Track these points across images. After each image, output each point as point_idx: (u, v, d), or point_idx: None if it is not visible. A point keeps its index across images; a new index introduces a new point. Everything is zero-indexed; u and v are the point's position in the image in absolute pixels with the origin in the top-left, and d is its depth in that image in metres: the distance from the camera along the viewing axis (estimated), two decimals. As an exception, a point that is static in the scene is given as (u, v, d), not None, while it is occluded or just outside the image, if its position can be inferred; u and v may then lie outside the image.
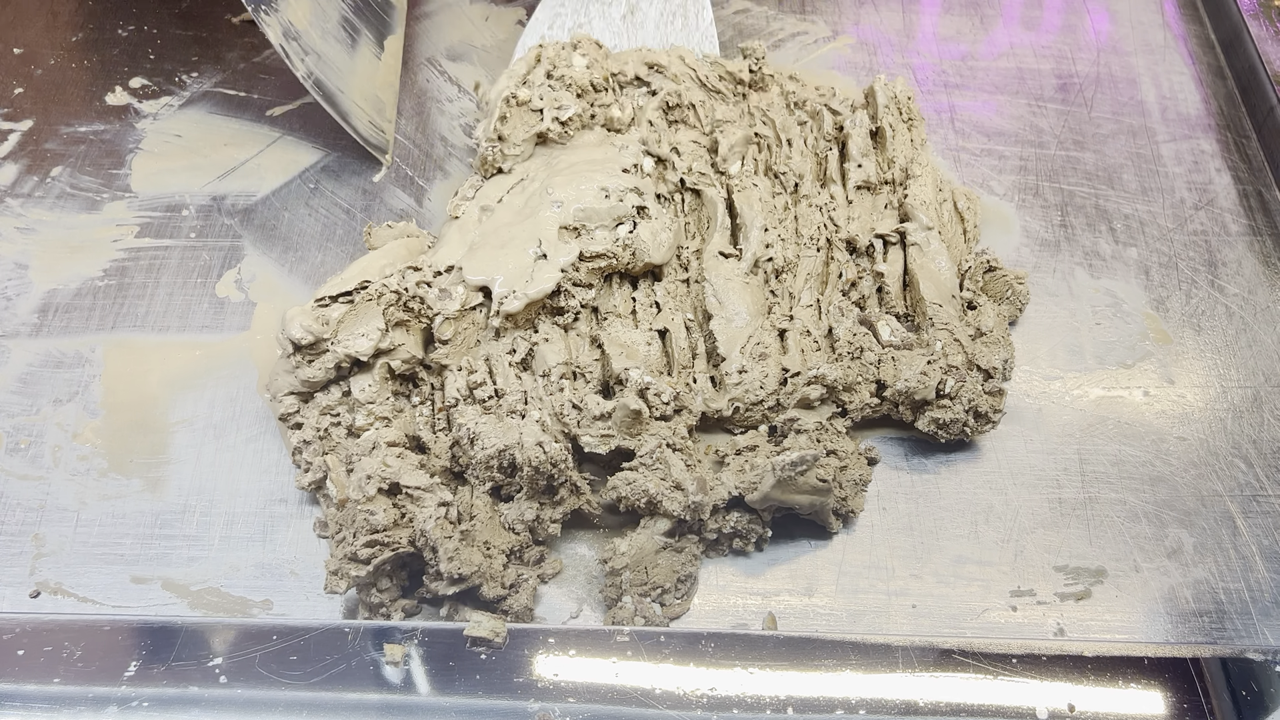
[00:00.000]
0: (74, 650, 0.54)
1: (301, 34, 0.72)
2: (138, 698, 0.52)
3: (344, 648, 0.54)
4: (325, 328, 0.59)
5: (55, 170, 0.76)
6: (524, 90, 0.70)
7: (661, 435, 0.59)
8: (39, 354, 0.67)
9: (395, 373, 0.61)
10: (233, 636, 0.54)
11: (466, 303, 0.62)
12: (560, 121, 0.69)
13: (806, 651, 0.54)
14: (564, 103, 0.70)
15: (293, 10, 0.72)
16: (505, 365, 0.61)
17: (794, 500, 0.57)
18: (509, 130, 0.70)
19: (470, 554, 0.55)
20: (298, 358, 0.59)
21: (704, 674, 0.53)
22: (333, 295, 0.61)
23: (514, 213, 0.65)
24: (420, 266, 0.63)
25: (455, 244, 0.65)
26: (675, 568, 0.58)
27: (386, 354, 0.60)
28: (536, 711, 0.52)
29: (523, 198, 0.66)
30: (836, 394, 0.62)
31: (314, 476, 0.59)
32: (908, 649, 0.54)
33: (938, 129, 0.80)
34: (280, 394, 0.60)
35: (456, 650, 0.54)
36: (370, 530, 0.55)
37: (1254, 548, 0.60)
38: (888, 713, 0.52)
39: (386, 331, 0.60)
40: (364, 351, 0.59)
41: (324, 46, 0.73)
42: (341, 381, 0.61)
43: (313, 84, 0.71)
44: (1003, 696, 0.53)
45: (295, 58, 0.71)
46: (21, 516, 0.61)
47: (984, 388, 0.62)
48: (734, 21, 0.87)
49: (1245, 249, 0.74)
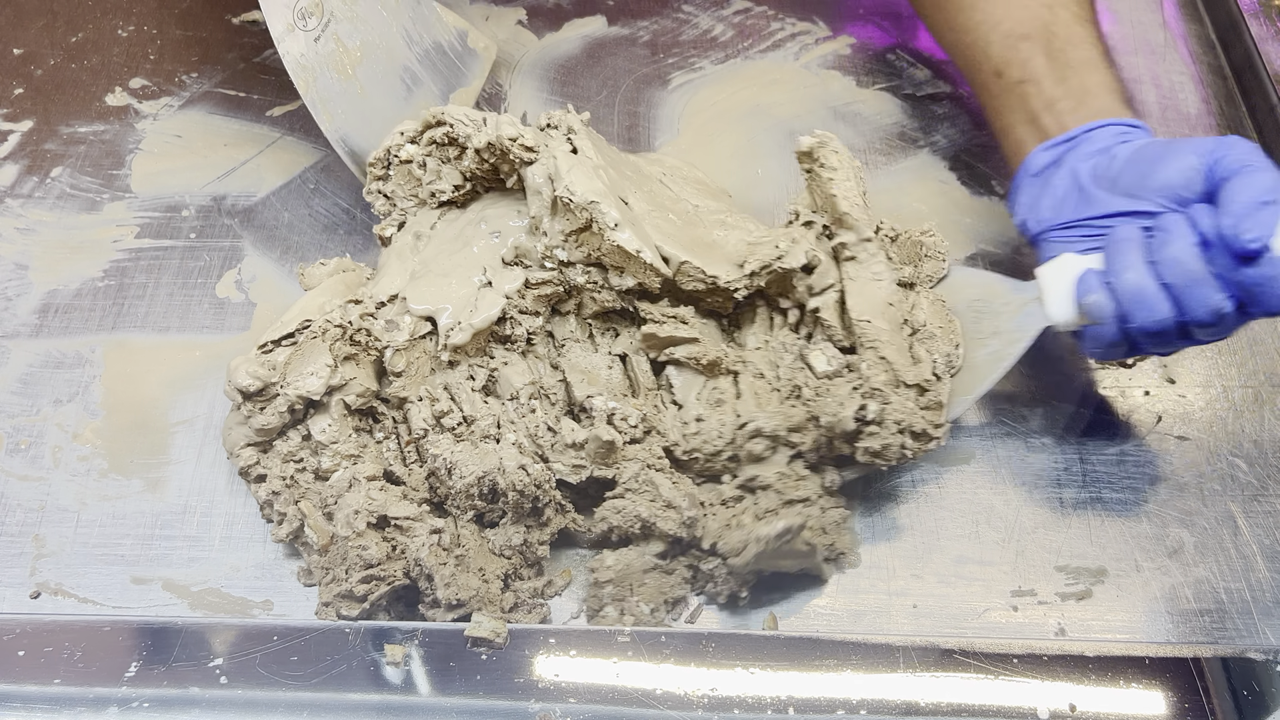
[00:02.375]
0: (74, 651, 0.54)
1: (340, 89, 0.68)
2: (138, 698, 0.52)
3: (344, 648, 0.54)
4: (272, 372, 0.57)
5: (55, 171, 0.76)
6: (408, 149, 0.65)
7: (641, 458, 0.58)
8: (39, 354, 0.67)
9: (352, 409, 0.59)
10: (233, 637, 0.54)
11: (415, 332, 0.60)
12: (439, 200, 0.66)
13: (807, 651, 0.54)
14: (444, 185, 0.65)
15: (337, 59, 0.68)
16: (468, 392, 0.59)
17: (780, 565, 0.57)
18: (391, 189, 0.66)
19: (467, 579, 0.55)
20: (249, 406, 0.57)
21: (705, 674, 0.53)
22: (275, 339, 0.58)
23: (450, 240, 0.63)
24: (362, 299, 0.61)
25: (395, 273, 0.63)
26: (663, 590, 0.57)
27: (339, 390, 0.58)
28: (537, 712, 0.52)
29: (456, 227, 0.64)
30: (782, 440, 0.59)
31: (290, 527, 0.57)
32: (909, 649, 0.54)
33: (938, 128, 0.80)
34: (237, 447, 0.58)
35: (457, 650, 0.54)
36: (365, 566, 0.54)
37: (1255, 547, 0.60)
38: (889, 713, 0.52)
39: (336, 368, 0.58)
40: (315, 390, 0.57)
41: (363, 101, 0.69)
42: (299, 426, 0.59)
43: (337, 140, 0.68)
44: (1004, 696, 0.53)
45: (323, 109, 0.67)
46: (22, 517, 0.61)
47: (918, 403, 0.58)
48: (735, 22, 0.87)
49: (1246, 249, 0.74)
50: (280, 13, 0.66)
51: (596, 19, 0.87)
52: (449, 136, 0.63)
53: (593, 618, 0.57)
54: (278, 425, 0.58)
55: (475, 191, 0.65)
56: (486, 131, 0.62)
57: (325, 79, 0.67)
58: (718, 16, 0.87)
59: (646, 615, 0.56)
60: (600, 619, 0.56)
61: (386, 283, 0.62)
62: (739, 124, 0.80)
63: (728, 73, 0.84)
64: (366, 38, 0.69)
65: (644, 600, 0.56)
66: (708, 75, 0.83)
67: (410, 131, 0.65)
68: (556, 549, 0.60)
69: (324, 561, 0.56)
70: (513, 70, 0.83)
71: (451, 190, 0.65)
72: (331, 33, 0.67)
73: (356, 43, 0.69)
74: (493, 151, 0.62)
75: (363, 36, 0.69)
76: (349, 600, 0.55)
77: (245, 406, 0.57)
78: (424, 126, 0.64)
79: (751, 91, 0.82)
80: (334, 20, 0.68)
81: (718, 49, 0.85)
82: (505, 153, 0.61)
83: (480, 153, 0.62)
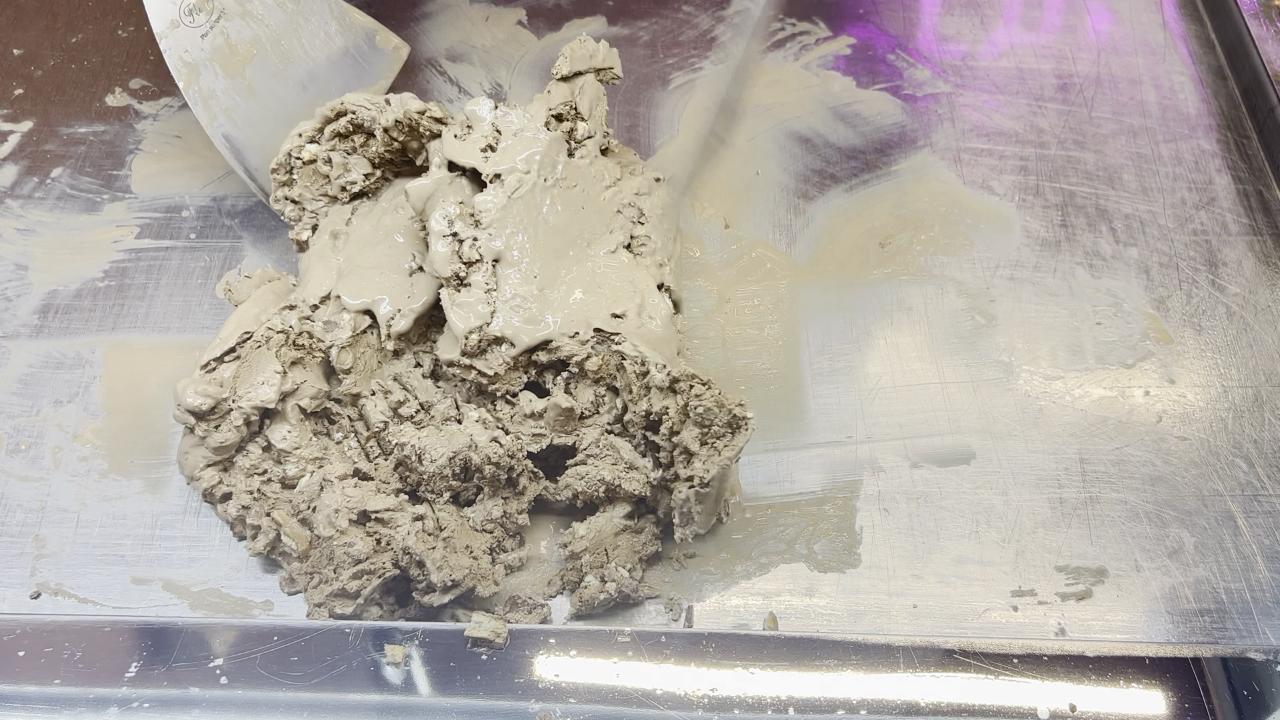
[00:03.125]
0: (75, 651, 0.54)
1: (224, 86, 0.67)
2: (138, 699, 0.52)
3: (344, 648, 0.54)
4: (221, 389, 0.56)
5: (55, 171, 0.76)
6: (309, 149, 0.65)
7: (599, 424, 0.58)
8: (39, 355, 0.67)
9: (308, 412, 0.59)
10: (233, 637, 0.54)
11: (356, 327, 0.60)
12: (350, 192, 0.66)
13: (808, 651, 0.54)
14: (354, 176, 0.65)
15: (225, 56, 0.67)
16: (419, 379, 0.60)
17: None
18: (299, 192, 0.66)
19: (457, 559, 0.55)
20: (203, 427, 0.57)
21: (705, 674, 0.53)
22: (218, 356, 0.58)
23: (369, 233, 0.63)
24: (295, 304, 0.60)
25: (321, 275, 0.62)
26: (636, 548, 0.58)
27: (292, 395, 0.58)
28: (538, 712, 0.52)
29: (372, 218, 0.64)
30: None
31: (266, 539, 0.57)
32: (909, 649, 0.54)
33: (938, 129, 0.80)
34: (197, 470, 0.58)
35: (457, 651, 0.54)
36: (354, 562, 0.54)
37: (1255, 547, 0.60)
38: (889, 713, 0.52)
39: (285, 373, 0.58)
40: (270, 399, 0.57)
41: (253, 100, 0.68)
42: (257, 438, 0.58)
43: (220, 139, 0.67)
44: (1004, 696, 0.53)
45: (204, 107, 0.66)
46: (22, 518, 0.61)
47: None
48: (734, 22, 0.87)
49: (1246, 249, 0.74)
50: (164, 8, 0.65)
51: (596, 19, 0.87)
52: (353, 124, 0.64)
53: (574, 590, 0.57)
54: (235, 440, 0.57)
55: (385, 178, 0.66)
56: (393, 109, 0.63)
57: (210, 76, 0.67)
58: (718, 16, 0.87)
59: (625, 577, 0.57)
60: (584, 590, 0.57)
61: (314, 285, 0.62)
62: (739, 124, 0.80)
63: (728, 73, 0.84)
64: (259, 35, 0.68)
65: (620, 563, 0.57)
66: (708, 75, 0.83)
67: (309, 131, 0.65)
68: (534, 516, 0.60)
69: (307, 566, 0.56)
70: (513, 70, 0.83)
71: (362, 180, 0.65)
72: (220, 29, 0.67)
73: (247, 40, 0.68)
74: (401, 128, 0.63)
75: (255, 34, 0.68)
76: (342, 598, 0.55)
77: (199, 428, 0.56)
78: (323, 122, 0.65)
79: (751, 91, 0.82)
80: (224, 17, 0.67)
81: (718, 49, 0.85)
82: (415, 127, 0.62)
83: (389, 131, 0.63)
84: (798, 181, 0.77)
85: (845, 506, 0.62)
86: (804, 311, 0.70)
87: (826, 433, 0.65)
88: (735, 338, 0.69)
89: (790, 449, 0.64)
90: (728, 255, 0.73)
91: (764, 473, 0.63)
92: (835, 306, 0.70)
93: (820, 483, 0.63)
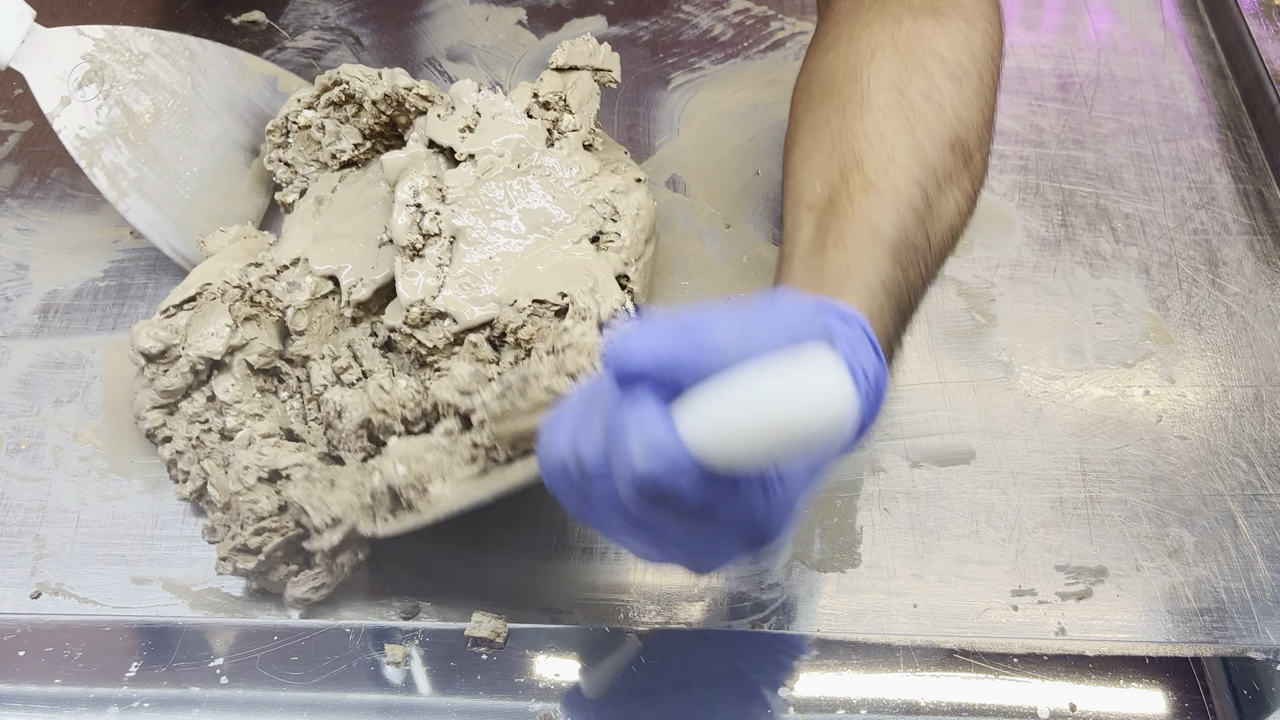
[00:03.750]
0: (75, 651, 0.54)
1: (129, 158, 0.65)
2: (139, 698, 0.52)
3: (345, 648, 0.54)
4: (174, 335, 0.58)
5: (55, 171, 0.76)
6: (306, 114, 0.67)
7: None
8: (39, 355, 0.67)
9: (255, 369, 0.60)
10: (234, 637, 0.54)
11: (317, 291, 0.61)
12: (340, 160, 0.67)
13: (807, 651, 0.54)
14: (344, 145, 0.66)
15: (123, 127, 0.64)
16: (369, 348, 0.61)
17: None
18: (292, 156, 0.68)
19: (337, 495, 0.53)
20: (152, 369, 0.58)
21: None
22: (176, 304, 0.60)
23: (350, 201, 0.65)
24: (262, 262, 0.62)
25: (298, 237, 0.64)
26: (454, 465, 0.53)
27: (241, 350, 0.59)
28: (538, 712, 0.52)
29: (356, 188, 0.66)
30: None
31: (193, 485, 0.58)
32: (909, 649, 0.54)
33: (938, 129, 0.80)
34: (144, 410, 0.59)
35: (457, 651, 0.54)
36: (256, 519, 0.55)
37: (1255, 547, 0.60)
38: (889, 712, 0.52)
39: (236, 328, 0.59)
40: (215, 351, 0.58)
41: (159, 166, 0.66)
42: (204, 387, 0.60)
43: (133, 211, 0.65)
44: (1004, 696, 0.53)
45: (111, 184, 0.65)
46: (22, 518, 0.61)
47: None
48: (735, 22, 0.87)
49: (1246, 248, 0.74)
50: (51, 86, 0.63)
51: (596, 19, 0.87)
52: (345, 94, 0.65)
53: (396, 513, 0.52)
54: (180, 386, 0.59)
55: (375, 150, 0.67)
56: (382, 83, 0.64)
57: (112, 150, 0.65)
58: (718, 16, 0.87)
59: (450, 495, 0.52)
60: (409, 513, 0.52)
61: (289, 247, 0.63)
62: (739, 124, 0.80)
63: (727, 73, 0.84)
64: (158, 99, 0.67)
65: (440, 478, 0.52)
66: (708, 75, 0.83)
67: (307, 97, 0.67)
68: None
69: (225, 519, 0.57)
70: (513, 70, 0.83)
71: (351, 149, 0.66)
72: (116, 99, 0.65)
73: (146, 106, 0.66)
74: (389, 102, 0.64)
75: (153, 98, 0.67)
76: (243, 554, 0.55)
77: (149, 369, 0.59)
78: (320, 90, 0.66)
79: (751, 91, 0.82)
80: (116, 85, 0.65)
81: (718, 49, 0.85)
82: (401, 102, 0.63)
83: (377, 104, 0.64)
84: (798, 181, 0.77)
85: (845, 506, 0.62)
86: (804, 311, 0.70)
87: (826, 432, 0.64)
88: (735, 337, 0.69)
89: (790, 449, 0.64)
90: (728, 255, 0.73)
91: (764, 472, 0.63)
92: (835, 306, 0.70)
93: (820, 482, 0.62)
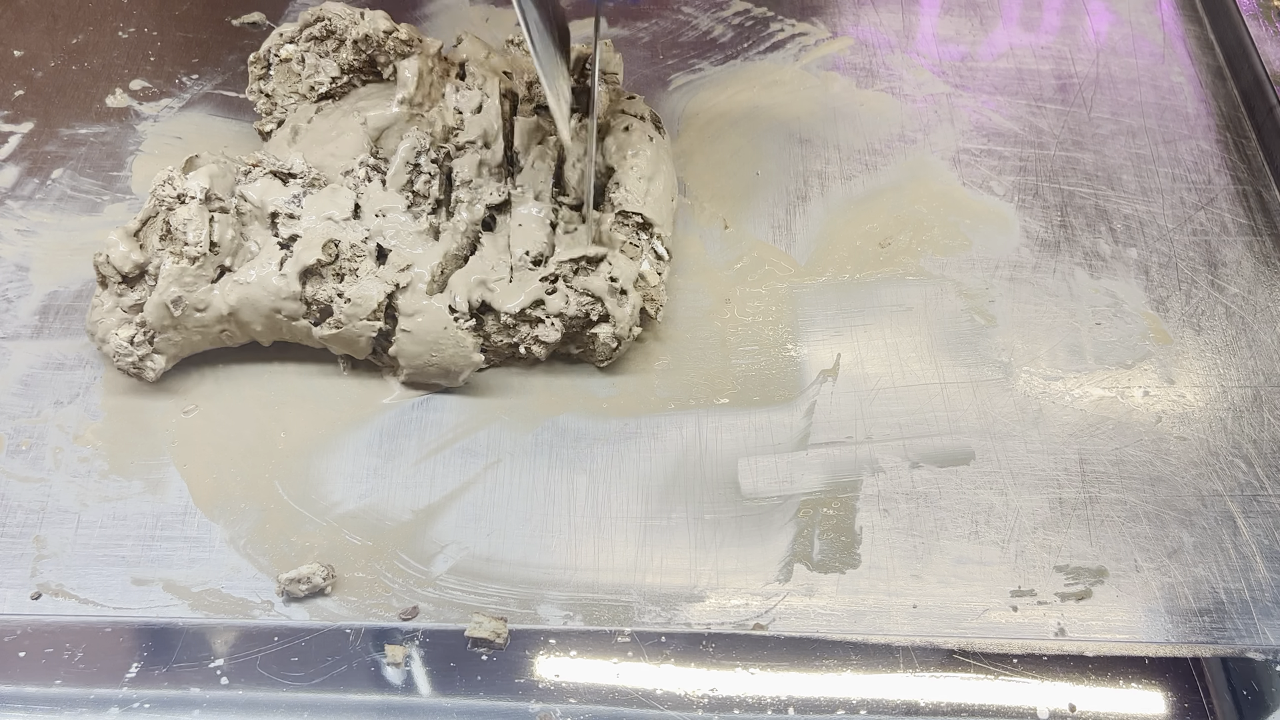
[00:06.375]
0: (75, 652, 0.54)
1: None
2: (139, 699, 0.52)
3: (345, 649, 0.54)
4: (148, 254, 0.62)
5: (56, 172, 0.76)
6: (287, 48, 0.71)
7: None
8: (40, 356, 0.67)
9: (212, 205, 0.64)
10: (234, 638, 0.54)
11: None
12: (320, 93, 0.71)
13: (808, 651, 0.54)
14: (322, 78, 0.70)
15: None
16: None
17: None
18: (272, 88, 0.71)
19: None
20: (122, 288, 0.62)
21: (705, 674, 0.53)
22: (143, 220, 0.63)
23: (325, 131, 0.68)
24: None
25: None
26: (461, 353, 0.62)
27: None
28: (537, 712, 0.52)
29: (331, 119, 0.68)
30: None
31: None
32: (908, 649, 0.55)
33: (938, 129, 0.80)
34: (110, 332, 0.62)
35: (457, 651, 0.54)
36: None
37: (1254, 547, 0.60)
38: (889, 713, 0.52)
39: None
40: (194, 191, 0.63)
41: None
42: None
43: None
44: (1003, 696, 0.53)
45: None
46: (22, 519, 0.61)
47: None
48: (734, 24, 0.87)
49: (1245, 249, 0.74)
50: None
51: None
52: (327, 29, 0.69)
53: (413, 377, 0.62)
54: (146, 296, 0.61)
55: (352, 84, 0.71)
56: (364, 24, 0.68)
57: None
58: (717, 18, 0.87)
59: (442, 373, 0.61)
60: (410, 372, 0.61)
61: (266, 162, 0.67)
62: (739, 125, 0.80)
63: (727, 74, 0.84)
64: None
65: (444, 362, 0.61)
66: (707, 76, 0.84)
67: (290, 32, 0.71)
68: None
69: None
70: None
71: (329, 82, 0.70)
72: None
73: None
74: (369, 43, 0.68)
75: None
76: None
77: (120, 287, 0.62)
78: (303, 25, 0.70)
79: (751, 92, 0.82)
80: None
81: (717, 50, 0.85)
82: (380, 44, 0.68)
83: (358, 44, 0.68)
84: (798, 182, 0.77)
85: (845, 506, 0.62)
86: (804, 311, 0.70)
87: (826, 433, 0.65)
88: (735, 338, 0.69)
89: (790, 449, 0.64)
90: (728, 255, 0.73)
91: (764, 473, 0.63)
92: (835, 307, 0.70)
93: (820, 483, 0.63)
